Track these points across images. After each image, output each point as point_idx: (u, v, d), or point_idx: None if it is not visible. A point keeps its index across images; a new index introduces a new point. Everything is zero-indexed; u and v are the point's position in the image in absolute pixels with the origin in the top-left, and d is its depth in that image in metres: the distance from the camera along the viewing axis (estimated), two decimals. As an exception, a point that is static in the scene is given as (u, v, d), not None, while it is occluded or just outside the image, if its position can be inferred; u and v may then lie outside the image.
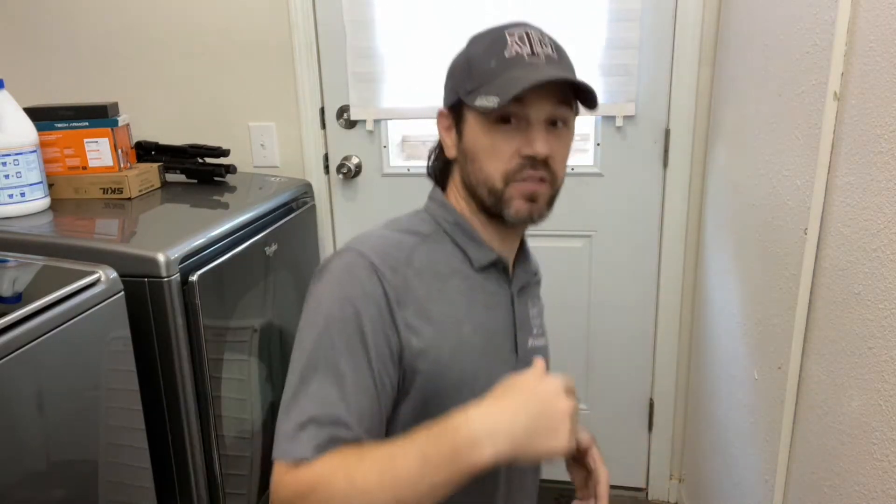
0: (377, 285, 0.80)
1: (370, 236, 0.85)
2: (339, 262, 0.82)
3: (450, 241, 0.88)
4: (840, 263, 0.98)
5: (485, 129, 0.83)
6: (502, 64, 0.81)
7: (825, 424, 1.03)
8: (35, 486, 1.01)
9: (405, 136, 2.06)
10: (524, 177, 0.83)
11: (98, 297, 1.13)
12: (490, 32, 0.86)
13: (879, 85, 0.88)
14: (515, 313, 0.92)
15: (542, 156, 0.82)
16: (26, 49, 2.02)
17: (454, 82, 0.87)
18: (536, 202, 0.85)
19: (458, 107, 0.86)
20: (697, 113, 1.79)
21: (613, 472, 2.31)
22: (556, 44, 0.86)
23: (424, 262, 0.84)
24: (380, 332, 0.79)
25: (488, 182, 0.84)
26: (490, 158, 0.83)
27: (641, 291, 1.97)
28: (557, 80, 0.79)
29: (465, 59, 0.86)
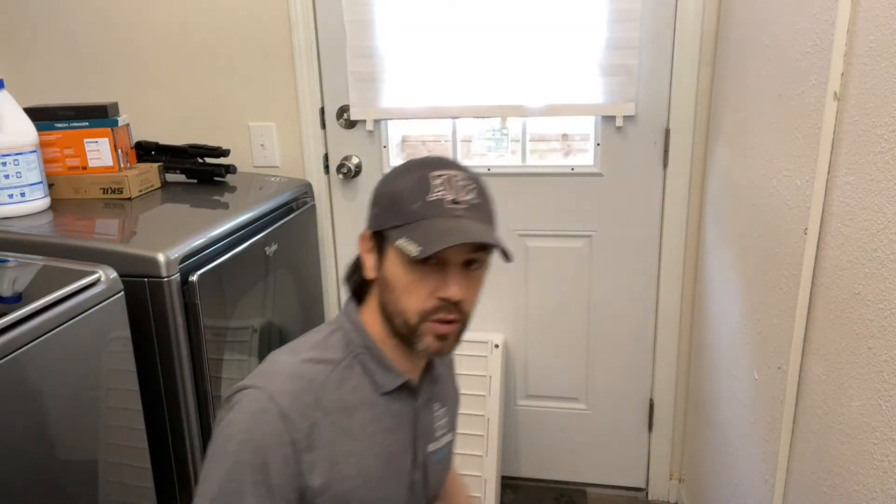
0: (286, 433, 0.84)
1: (283, 374, 0.88)
2: (251, 406, 0.84)
3: (359, 367, 0.92)
4: (840, 263, 0.98)
5: (405, 266, 0.86)
6: (425, 208, 0.85)
7: (825, 424, 1.03)
8: (35, 486, 1.01)
9: (405, 136, 2.06)
10: (438, 318, 0.87)
11: (98, 297, 1.13)
12: (417, 169, 0.89)
13: (879, 85, 0.88)
14: (417, 427, 0.97)
15: (456, 299, 0.86)
16: (26, 49, 2.02)
17: (378, 211, 0.90)
18: (446, 341, 0.89)
19: (381, 236, 0.90)
20: (697, 113, 1.79)
21: (613, 472, 2.33)
22: (479, 186, 0.90)
23: (333, 399, 0.88)
24: (286, 479, 0.84)
25: (404, 316, 0.88)
26: (407, 294, 0.87)
27: (641, 291, 1.97)
28: (473, 242, 0.82)
29: (389, 193, 0.89)
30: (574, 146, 1.98)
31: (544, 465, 2.17)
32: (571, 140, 1.98)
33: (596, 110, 1.83)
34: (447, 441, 1.05)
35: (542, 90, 1.82)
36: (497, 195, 1.93)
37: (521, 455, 2.18)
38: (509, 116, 1.90)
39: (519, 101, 1.84)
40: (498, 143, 1.95)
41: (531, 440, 2.16)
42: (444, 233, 0.82)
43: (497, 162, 1.96)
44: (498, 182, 1.95)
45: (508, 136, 1.94)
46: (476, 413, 1.97)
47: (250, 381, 0.88)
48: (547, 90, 1.82)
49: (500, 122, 1.92)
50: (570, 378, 2.08)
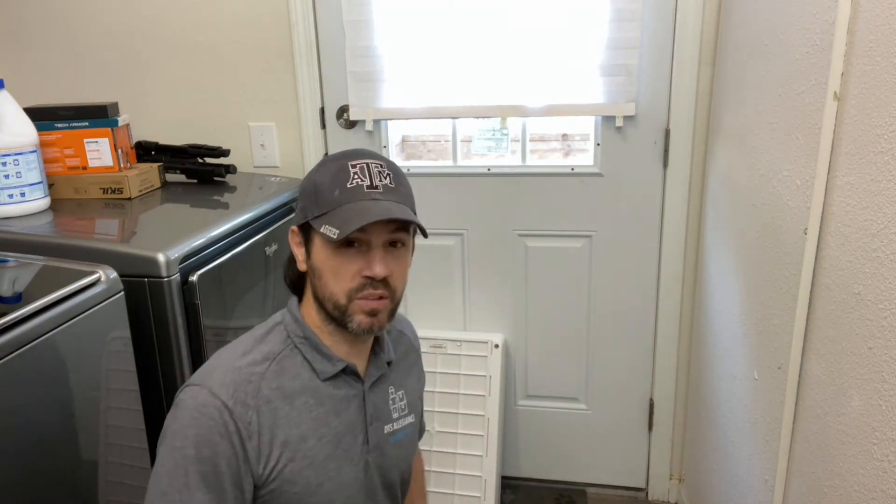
0: (230, 423, 0.88)
1: (223, 368, 0.92)
2: (192, 402, 0.88)
3: (299, 355, 0.96)
4: (840, 263, 0.98)
5: (330, 251, 0.91)
6: (344, 194, 0.90)
7: (825, 424, 1.03)
8: (35, 486, 1.01)
9: (405, 136, 2.06)
10: (365, 294, 0.91)
11: (98, 297, 1.13)
12: (335, 161, 0.94)
13: (879, 85, 0.88)
14: (367, 408, 1.00)
15: (380, 276, 0.90)
16: (26, 49, 2.02)
17: (303, 204, 0.94)
18: (377, 316, 0.93)
19: (307, 227, 0.94)
20: (697, 113, 1.79)
21: (613, 472, 2.33)
22: (394, 172, 0.94)
23: (273, 388, 0.92)
24: (233, 469, 0.88)
25: (333, 298, 0.92)
26: (335, 278, 0.91)
27: (641, 291, 1.97)
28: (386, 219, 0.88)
29: (312, 185, 0.93)
30: (574, 146, 1.98)
31: (544, 465, 2.17)
32: (571, 140, 1.98)
33: (596, 110, 1.83)
34: (408, 423, 1.08)
35: (542, 90, 1.82)
36: (497, 195, 1.95)
37: (521, 455, 2.18)
38: (509, 116, 1.90)
39: (519, 101, 1.84)
40: (498, 143, 1.95)
41: (531, 440, 2.16)
42: (361, 213, 0.87)
43: (497, 162, 1.96)
44: (498, 182, 1.95)
45: (508, 136, 1.94)
46: (476, 413, 1.97)
47: (191, 380, 0.92)
48: (547, 90, 1.82)
49: (500, 122, 1.92)
50: (570, 378, 2.08)
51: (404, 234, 0.93)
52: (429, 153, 2.08)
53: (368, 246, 0.90)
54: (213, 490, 0.86)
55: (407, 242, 0.95)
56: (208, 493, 0.86)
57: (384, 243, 0.91)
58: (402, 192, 0.94)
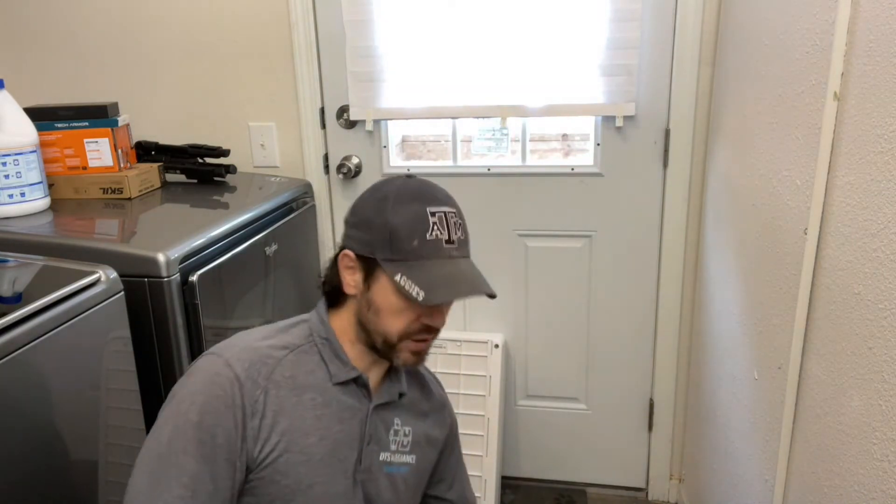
0: (237, 396, 0.88)
1: (242, 345, 0.93)
2: (207, 370, 0.90)
3: (317, 354, 0.97)
4: (840, 263, 0.98)
5: (398, 296, 0.92)
6: (423, 247, 0.91)
7: (825, 424, 1.03)
8: (36, 486, 1.01)
9: (405, 136, 2.06)
10: (419, 339, 0.95)
11: (98, 297, 1.13)
12: (412, 203, 0.92)
13: (879, 85, 0.88)
14: (367, 427, 1.00)
15: (440, 327, 0.95)
16: (26, 49, 2.02)
17: (369, 238, 0.93)
18: (420, 356, 0.97)
19: (372, 262, 0.94)
20: (697, 113, 1.79)
21: (613, 472, 2.33)
22: (464, 223, 0.96)
23: (285, 376, 0.93)
24: (231, 442, 0.88)
25: (386, 335, 0.94)
26: (394, 319, 0.93)
27: (641, 291, 1.97)
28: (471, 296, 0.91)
29: (384, 225, 0.92)
30: (574, 146, 1.98)
31: (544, 465, 2.17)
32: (571, 140, 1.98)
33: (596, 110, 1.83)
34: (405, 461, 1.06)
35: (542, 90, 1.82)
36: (497, 195, 1.95)
37: (521, 455, 2.18)
38: (509, 116, 1.90)
39: (519, 101, 1.84)
40: (498, 143, 1.95)
41: (531, 440, 2.16)
42: (445, 280, 0.90)
43: (497, 162, 1.96)
44: (498, 182, 1.95)
45: (508, 136, 1.94)
46: (476, 413, 1.97)
47: (211, 349, 0.93)
48: (547, 90, 1.82)
49: (500, 122, 1.92)
50: (570, 378, 2.08)
51: None
52: (429, 153, 2.08)
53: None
54: (206, 461, 0.86)
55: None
56: (201, 462, 0.85)
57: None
58: (468, 242, 0.97)
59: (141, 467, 0.86)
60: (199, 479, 0.85)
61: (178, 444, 0.85)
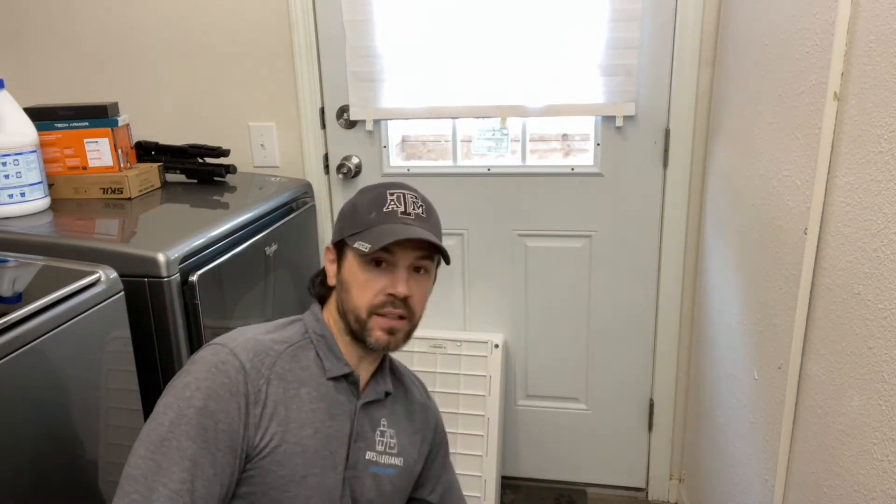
0: (242, 383, 0.91)
1: (245, 337, 0.97)
2: (212, 358, 0.92)
3: (313, 350, 1.02)
4: (840, 263, 0.98)
5: (360, 267, 0.98)
6: (379, 216, 0.98)
7: (825, 424, 1.03)
8: (35, 485, 1.01)
9: (405, 136, 2.06)
10: (385, 312, 0.97)
11: (98, 297, 1.13)
12: (375, 189, 1.02)
13: (879, 85, 0.88)
14: (354, 424, 1.02)
15: (402, 295, 0.97)
16: (26, 49, 2.02)
17: (340, 224, 1.03)
18: (394, 335, 0.99)
19: (342, 245, 1.02)
20: (697, 113, 1.79)
21: (613, 472, 2.33)
22: (426, 205, 1.03)
23: (285, 369, 0.97)
24: (233, 429, 0.89)
25: (356, 311, 0.98)
26: (360, 291, 0.98)
27: (641, 291, 1.97)
28: (415, 238, 0.95)
29: (351, 207, 1.02)
30: (574, 146, 1.98)
31: (544, 465, 2.17)
32: (571, 140, 1.98)
33: (596, 110, 1.83)
34: (392, 463, 1.07)
35: (542, 90, 1.82)
36: (497, 195, 1.96)
37: (521, 455, 2.18)
38: (509, 116, 1.90)
39: (519, 101, 1.84)
40: (498, 143, 1.95)
41: (531, 440, 2.16)
42: (393, 233, 0.95)
43: (497, 162, 1.96)
44: (498, 182, 1.95)
45: (508, 136, 1.94)
46: (476, 413, 1.97)
47: (212, 341, 0.96)
48: (547, 90, 1.82)
49: (500, 122, 1.92)
50: (570, 378, 2.08)
51: (428, 262, 1.01)
52: (429, 153, 2.08)
53: (394, 266, 0.97)
54: (208, 446, 0.87)
55: (430, 270, 1.02)
56: (202, 447, 0.86)
57: (409, 266, 0.98)
58: (432, 222, 1.02)
59: (140, 451, 0.86)
60: (200, 464, 0.86)
61: (180, 429, 0.86)
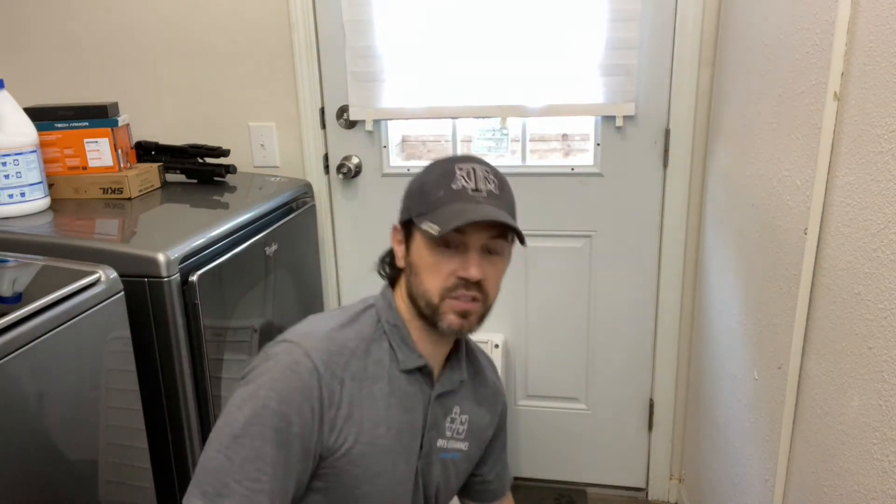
0: (315, 388, 0.90)
1: (319, 335, 0.94)
2: (287, 357, 0.91)
3: (386, 341, 0.99)
4: (840, 263, 0.98)
5: (429, 249, 0.94)
6: (448, 195, 0.93)
7: (825, 424, 1.03)
8: (35, 485, 1.01)
9: (405, 136, 2.06)
10: (458, 295, 0.93)
11: (98, 297, 1.13)
12: (443, 164, 0.97)
13: (879, 85, 0.88)
14: (428, 415, 1.02)
15: (475, 279, 0.92)
16: (26, 49, 2.02)
17: (407, 203, 0.98)
18: (468, 318, 0.95)
19: (409, 225, 0.97)
20: (697, 113, 1.79)
21: (613, 472, 2.33)
22: (499, 180, 0.97)
23: (359, 366, 0.95)
24: (307, 432, 0.89)
25: (427, 295, 0.95)
26: (430, 275, 0.94)
27: (641, 291, 1.97)
28: (487, 220, 0.89)
29: (418, 185, 0.97)
30: (574, 146, 1.98)
31: (544, 465, 2.17)
32: (571, 140, 1.98)
33: (596, 110, 1.83)
34: (458, 447, 1.08)
35: (542, 90, 1.82)
36: (497, 195, 1.95)
37: (521, 455, 2.18)
38: (509, 116, 1.90)
39: (519, 101, 1.84)
40: (498, 143, 1.95)
41: (531, 440, 2.16)
42: (463, 213, 0.89)
43: (497, 162, 1.96)
44: (498, 182, 1.95)
45: (508, 136, 1.94)
46: (476, 413, 1.97)
47: (289, 336, 0.94)
48: (547, 90, 1.82)
49: (500, 122, 1.92)
50: (570, 378, 2.08)
51: (503, 242, 0.95)
52: (429, 153, 2.08)
53: (466, 248, 0.93)
54: (283, 448, 0.86)
55: (504, 251, 0.97)
56: (278, 449, 0.86)
57: (481, 247, 0.93)
58: (506, 199, 0.96)
59: (215, 445, 0.86)
60: (274, 464, 0.86)
61: (255, 429, 0.86)
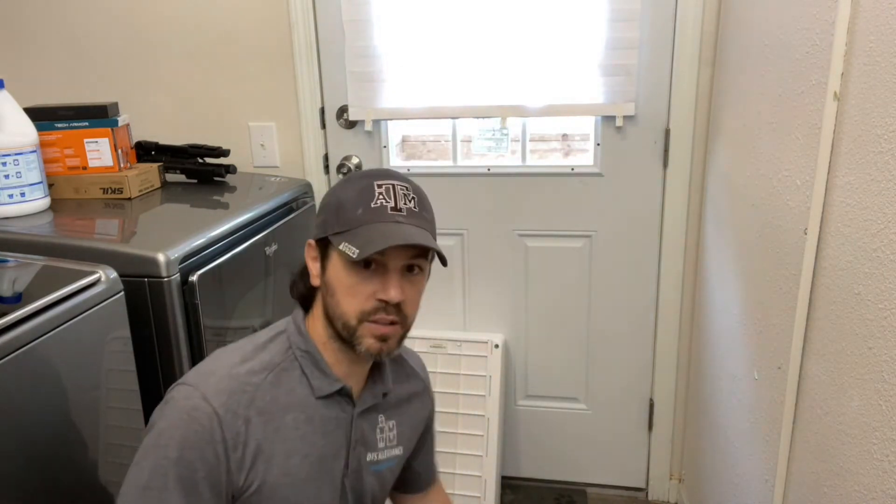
0: (217, 431, 0.86)
1: (219, 374, 0.90)
2: (184, 404, 0.87)
3: (298, 369, 0.94)
4: (840, 263, 0.98)
5: (346, 270, 0.89)
6: (367, 214, 0.89)
7: (825, 424, 1.03)
8: (35, 485, 1.01)
9: (405, 136, 2.06)
10: (377, 318, 0.90)
11: (98, 297, 1.13)
12: (360, 179, 0.93)
13: (879, 85, 0.88)
14: (353, 433, 0.99)
15: (395, 301, 0.89)
16: (26, 49, 2.02)
17: (323, 218, 0.93)
18: (387, 342, 0.91)
19: (325, 242, 0.93)
20: (697, 113, 1.79)
21: (613, 472, 2.32)
22: (419, 196, 0.94)
23: (266, 400, 0.91)
24: (214, 477, 0.86)
25: (344, 318, 0.91)
26: (348, 297, 0.90)
27: (641, 291, 1.97)
28: (407, 244, 0.86)
29: (335, 201, 0.92)
30: (574, 146, 1.98)
31: (544, 465, 2.17)
32: (571, 140, 1.98)
33: (596, 110, 1.83)
34: (392, 455, 1.06)
35: (542, 90, 1.82)
36: (497, 195, 1.95)
37: (521, 455, 2.18)
38: (509, 116, 1.90)
39: (519, 101, 1.84)
40: (498, 143, 1.95)
41: (531, 440, 2.16)
42: (382, 236, 0.86)
43: (497, 162, 1.96)
44: (498, 182, 1.95)
45: (508, 136, 1.94)
46: (476, 413, 1.97)
47: (186, 379, 0.91)
48: (547, 90, 1.82)
49: (500, 122, 1.92)
50: (570, 378, 2.08)
51: (422, 260, 0.92)
52: (429, 153, 2.08)
53: (385, 269, 0.89)
54: (191, 494, 0.85)
55: (424, 268, 0.94)
56: (185, 496, 0.84)
57: (401, 267, 0.90)
58: (425, 217, 0.93)
59: (125, 498, 0.86)
60: None
61: (159, 481, 0.84)
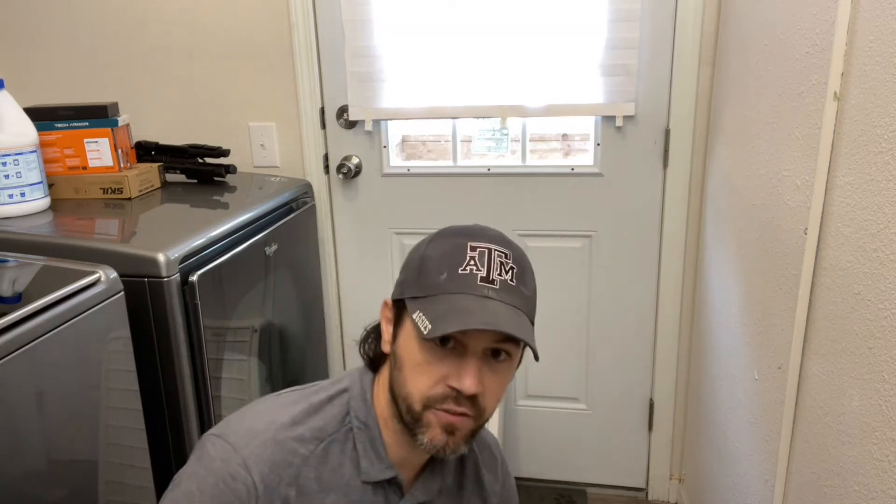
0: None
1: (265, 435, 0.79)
2: (221, 468, 0.76)
3: (350, 442, 0.83)
4: (840, 263, 0.98)
5: (419, 344, 0.77)
6: (451, 281, 0.76)
7: (825, 424, 1.03)
8: (35, 486, 1.01)
9: (405, 136, 2.06)
10: (445, 407, 0.76)
11: (98, 297, 1.13)
12: (455, 236, 0.79)
13: (879, 85, 0.88)
14: None
15: (469, 392, 0.75)
16: (26, 49, 2.02)
17: (404, 277, 0.81)
18: (454, 435, 0.78)
19: (401, 305, 0.80)
20: (697, 113, 1.79)
21: (613, 472, 2.32)
22: (519, 267, 0.79)
23: (310, 477, 0.80)
24: None
25: (409, 400, 0.78)
26: (416, 375, 0.77)
27: (641, 291, 1.97)
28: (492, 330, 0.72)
29: (419, 258, 0.80)
30: (574, 146, 1.98)
31: (544, 465, 2.17)
32: (571, 140, 1.98)
33: (596, 110, 1.83)
34: None
35: (542, 90, 1.82)
36: (497, 195, 1.95)
37: (521, 455, 2.18)
38: (509, 116, 1.90)
39: (519, 101, 1.84)
40: (498, 143, 1.95)
41: (531, 440, 2.16)
42: (463, 312, 0.73)
43: (497, 162, 1.96)
44: (498, 182, 1.95)
45: (508, 136, 1.94)
46: (476, 413, 1.97)
47: (225, 432, 0.80)
48: (547, 90, 1.82)
49: (500, 122, 1.92)
50: (570, 378, 2.08)
51: (512, 346, 0.77)
52: (429, 153, 2.08)
53: (465, 349, 0.75)
54: None
55: (514, 354, 0.79)
56: None
57: (484, 351, 0.76)
58: (523, 294, 0.78)
59: None
60: None
61: None
